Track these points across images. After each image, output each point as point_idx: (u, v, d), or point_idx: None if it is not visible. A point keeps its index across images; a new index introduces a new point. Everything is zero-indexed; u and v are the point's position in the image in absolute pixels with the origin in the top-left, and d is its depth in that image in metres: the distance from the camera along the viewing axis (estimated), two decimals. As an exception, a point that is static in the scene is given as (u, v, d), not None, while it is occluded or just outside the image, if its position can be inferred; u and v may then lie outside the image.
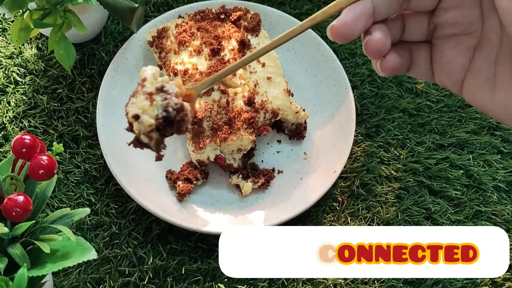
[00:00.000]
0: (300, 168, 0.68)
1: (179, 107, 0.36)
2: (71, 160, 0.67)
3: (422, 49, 0.38)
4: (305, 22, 0.37)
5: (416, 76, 0.40)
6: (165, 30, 0.69)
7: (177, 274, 0.61)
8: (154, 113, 0.36)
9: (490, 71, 0.36)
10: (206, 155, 0.64)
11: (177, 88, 0.38)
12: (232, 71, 0.40)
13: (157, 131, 0.36)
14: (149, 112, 0.36)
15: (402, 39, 0.38)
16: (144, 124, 0.36)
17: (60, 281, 0.59)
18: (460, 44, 0.37)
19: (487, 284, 0.63)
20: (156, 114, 0.36)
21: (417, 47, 0.39)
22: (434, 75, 0.39)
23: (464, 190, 0.68)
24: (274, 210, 0.64)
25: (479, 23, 0.35)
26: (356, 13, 0.34)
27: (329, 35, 0.35)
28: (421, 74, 0.39)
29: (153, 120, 0.36)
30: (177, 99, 0.37)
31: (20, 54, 0.73)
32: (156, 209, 0.61)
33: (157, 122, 0.36)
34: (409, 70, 0.39)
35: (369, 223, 0.65)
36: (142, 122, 0.36)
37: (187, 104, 0.37)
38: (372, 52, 0.36)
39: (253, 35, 0.69)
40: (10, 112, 0.69)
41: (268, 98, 0.65)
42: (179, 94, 0.37)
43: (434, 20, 0.37)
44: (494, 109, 0.36)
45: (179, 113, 0.36)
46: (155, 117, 0.36)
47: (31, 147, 0.44)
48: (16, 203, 0.42)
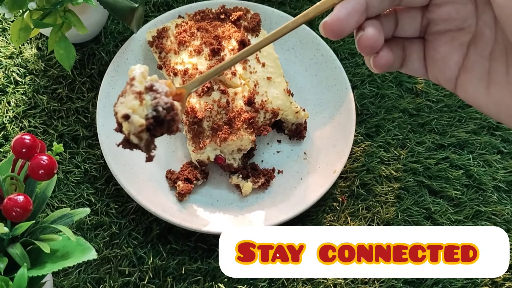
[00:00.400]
0: (300, 168, 0.68)
1: (169, 106, 0.35)
2: (71, 160, 0.67)
3: (415, 45, 0.38)
4: (297, 18, 0.37)
5: (409, 72, 0.39)
6: (165, 30, 0.69)
7: (177, 274, 0.61)
8: (143, 112, 0.35)
9: (485, 68, 0.35)
10: (206, 155, 0.64)
11: (167, 87, 0.36)
12: (223, 69, 0.39)
13: (147, 131, 0.35)
14: (138, 112, 0.35)
15: (395, 35, 0.38)
16: (134, 124, 0.34)
17: (60, 281, 0.59)
18: (454, 40, 0.36)
19: (487, 284, 0.63)
20: (146, 114, 0.35)
21: (410, 43, 0.38)
22: (427, 72, 0.38)
23: (464, 190, 0.68)
24: (274, 210, 0.64)
25: (473, 19, 0.35)
26: (349, 9, 0.34)
27: (321, 31, 0.35)
28: (414, 71, 0.39)
29: (143, 120, 0.35)
30: (167, 98, 0.36)
31: (20, 54, 0.73)
32: (156, 209, 0.61)
33: (148, 122, 0.35)
34: (402, 67, 0.39)
35: (369, 223, 0.65)
36: (133, 122, 0.34)
37: (177, 103, 0.36)
38: (365, 48, 0.35)
39: (253, 35, 0.69)
40: (10, 112, 0.69)
41: (268, 98, 0.65)
42: (169, 93, 0.36)
43: (428, 15, 0.37)
44: (488, 106, 0.36)
45: (169, 113, 0.35)
46: (145, 117, 0.35)
47: (31, 147, 0.44)
48: (16, 203, 0.42)
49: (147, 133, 0.35)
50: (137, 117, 0.34)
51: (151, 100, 0.35)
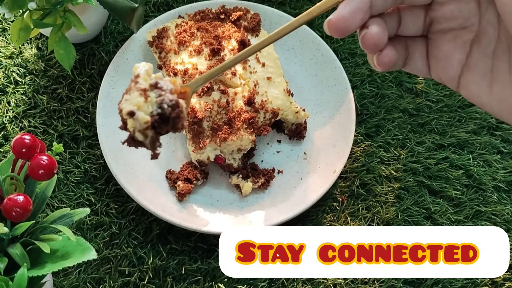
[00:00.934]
0: (300, 168, 0.68)
1: (174, 103, 0.35)
2: (71, 160, 0.67)
3: (418, 44, 0.38)
4: (301, 16, 0.37)
5: (412, 71, 0.39)
6: (165, 30, 0.69)
7: (177, 274, 0.61)
8: (149, 110, 0.35)
9: (488, 66, 0.36)
10: (206, 155, 0.64)
11: (172, 84, 0.37)
12: (227, 68, 0.39)
13: (152, 129, 0.35)
14: (144, 109, 0.35)
15: (398, 33, 0.38)
16: (139, 121, 0.35)
17: (60, 281, 0.59)
18: (457, 38, 0.36)
19: (487, 284, 0.63)
20: (151, 111, 0.35)
21: (413, 42, 0.38)
22: (430, 71, 0.38)
23: (464, 190, 0.68)
24: (274, 210, 0.64)
25: (476, 17, 0.35)
26: (353, 7, 0.34)
27: (326, 29, 0.35)
28: (417, 70, 0.39)
29: (149, 117, 0.35)
30: (172, 96, 0.36)
31: (20, 54, 0.73)
32: (156, 209, 0.61)
33: (153, 119, 0.35)
34: (405, 65, 0.39)
35: (369, 223, 0.65)
36: (138, 119, 0.35)
37: (182, 101, 0.36)
38: (369, 46, 0.35)
39: (253, 35, 0.69)
40: (10, 112, 0.69)
41: (268, 98, 0.65)
42: (173, 91, 0.36)
43: (430, 14, 0.37)
44: (491, 104, 0.36)
45: (174, 110, 0.35)
46: (150, 114, 0.35)
47: (31, 147, 0.44)
48: (16, 203, 0.42)
49: (152, 131, 0.35)
50: (142, 114, 0.35)
51: (156, 97, 0.35)
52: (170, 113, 0.35)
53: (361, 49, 0.76)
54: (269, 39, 0.38)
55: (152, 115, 0.35)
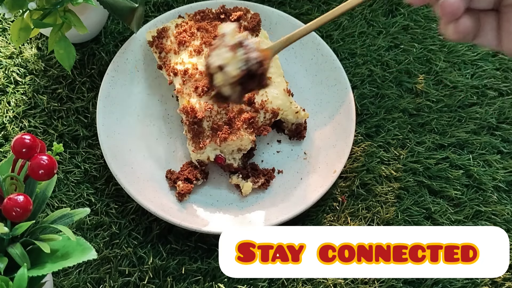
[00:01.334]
0: (300, 168, 0.68)
1: (259, 61, 0.37)
2: (71, 160, 0.67)
3: (490, 17, 0.39)
4: None
5: (482, 44, 0.40)
6: (165, 30, 0.69)
7: (177, 274, 0.61)
8: (236, 65, 0.36)
9: None
10: (206, 155, 0.64)
11: (255, 45, 0.38)
12: (304, 33, 0.41)
13: (239, 85, 0.37)
14: (232, 64, 0.36)
15: (470, 6, 0.39)
16: (228, 75, 0.36)
17: (60, 281, 0.59)
18: None
19: (487, 284, 0.63)
20: (239, 66, 0.36)
21: (485, 15, 0.39)
22: (502, 43, 0.39)
23: (464, 190, 0.68)
24: (274, 210, 0.64)
25: None
26: None
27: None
28: (487, 42, 0.40)
29: (238, 70, 0.36)
30: (257, 53, 0.37)
31: (20, 54, 0.73)
32: (156, 209, 0.61)
33: (242, 72, 0.36)
34: (475, 38, 0.40)
35: (369, 223, 0.65)
36: (226, 73, 0.36)
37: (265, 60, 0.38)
38: (448, 14, 0.37)
39: (253, 35, 0.69)
40: (10, 112, 0.69)
41: (268, 98, 0.65)
42: (258, 50, 0.38)
43: None
44: None
45: (260, 67, 0.37)
46: (238, 69, 0.36)
47: (31, 147, 0.44)
48: (16, 203, 0.42)
49: (239, 86, 0.37)
50: (231, 67, 0.36)
51: (243, 55, 0.37)
52: (256, 70, 0.36)
53: (361, 49, 0.77)
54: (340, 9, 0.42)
55: (240, 70, 0.36)
